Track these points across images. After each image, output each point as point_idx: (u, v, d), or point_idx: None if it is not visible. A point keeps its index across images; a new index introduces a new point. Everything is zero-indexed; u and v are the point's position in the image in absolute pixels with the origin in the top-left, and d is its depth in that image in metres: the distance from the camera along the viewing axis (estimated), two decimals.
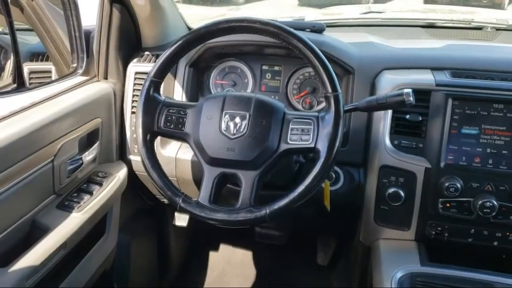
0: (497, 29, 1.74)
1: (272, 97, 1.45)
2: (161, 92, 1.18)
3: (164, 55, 1.14)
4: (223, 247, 2.24)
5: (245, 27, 1.11)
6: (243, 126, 1.09)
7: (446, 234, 1.28)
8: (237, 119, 1.09)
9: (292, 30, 1.08)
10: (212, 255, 2.21)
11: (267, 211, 1.03)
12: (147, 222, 1.89)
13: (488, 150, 1.21)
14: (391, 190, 1.27)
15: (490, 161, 1.21)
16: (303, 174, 1.06)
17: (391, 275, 1.19)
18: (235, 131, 1.09)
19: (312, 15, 2.01)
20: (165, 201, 1.56)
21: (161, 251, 1.98)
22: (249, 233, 1.98)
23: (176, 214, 1.85)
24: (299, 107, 1.51)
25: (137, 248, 1.76)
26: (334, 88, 1.06)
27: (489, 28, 1.75)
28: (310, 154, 1.10)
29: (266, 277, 2.13)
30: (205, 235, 2.22)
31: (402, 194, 1.26)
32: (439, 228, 1.28)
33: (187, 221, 1.83)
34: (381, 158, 1.28)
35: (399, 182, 1.27)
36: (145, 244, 1.89)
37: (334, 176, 1.36)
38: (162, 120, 1.13)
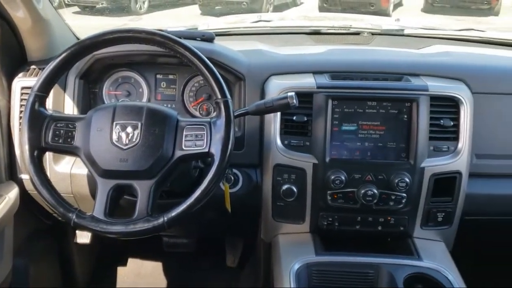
0: (373, 34, 1.90)
1: (168, 105, 1.47)
2: (49, 106, 1.15)
3: (48, 68, 1.11)
4: (131, 261, 2.19)
5: (131, 37, 1.11)
6: (135, 136, 1.09)
7: (336, 224, 1.39)
8: (129, 129, 1.09)
9: (177, 39, 1.10)
10: (121, 269, 2.16)
11: (165, 218, 1.04)
12: (46, 242, 1.79)
13: (366, 144, 1.34)
14: (284, 187, 1.35)
15: (369, 154, 1.34)
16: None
17: (289, 267, 1.26)
18: (127, 141, 1.08)
19: (214, 23, 2.05)
20: None
21: (65, 272, 1.89)
22: (157, 244, 1.97)
23: (77, 231, 1.79)
24: (197, 114, 1.54)
25: (36, 271, 1.67)
26: (223, 94, 1.10)
27: (365, 33, 1.90)
28: (209, 158, 1.13)
29: (177, 285, 2.13)
30: (112, 250, 2.16)
31: (295, 189, 1.35)
32: (330, 219, 1.38)
33: (90, 237, 1.78)
34: (274, 158, 1.35)
35: (292, 178, 1.36)
36: (46, 266, 1.79)
37: (233, 178, 1.40)
38: (49, 135, 1.10)
